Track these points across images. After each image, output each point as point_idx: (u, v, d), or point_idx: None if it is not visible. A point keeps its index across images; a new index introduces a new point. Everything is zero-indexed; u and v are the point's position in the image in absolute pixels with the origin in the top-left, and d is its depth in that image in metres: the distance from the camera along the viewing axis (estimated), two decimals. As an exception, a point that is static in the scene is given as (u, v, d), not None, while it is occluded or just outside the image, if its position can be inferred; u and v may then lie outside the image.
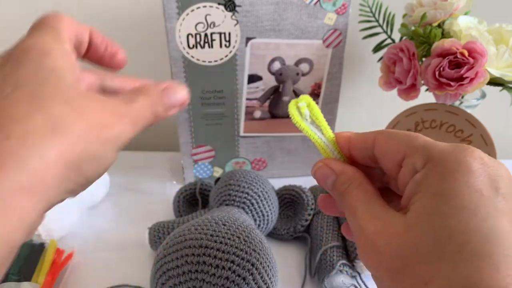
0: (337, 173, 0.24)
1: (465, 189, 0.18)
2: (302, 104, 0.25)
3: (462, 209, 0.18)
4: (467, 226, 0.18)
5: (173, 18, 0.47)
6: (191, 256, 0.33)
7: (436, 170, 0.20)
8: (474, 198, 0.18)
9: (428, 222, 0.19)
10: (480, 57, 0.40)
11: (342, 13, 0.50)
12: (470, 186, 0.18)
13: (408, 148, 0.22)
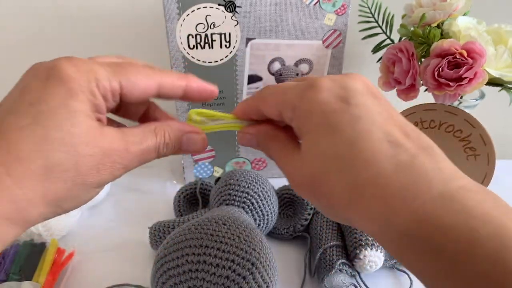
0: (255, 134, 0.29)
1: (320, 112, 0.24)
2: (194, 118, 0.30)
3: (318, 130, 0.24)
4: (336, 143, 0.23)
5: (174, 18, 0.47)
6: (191, 256, 0.33)
7: (299, 113, 0.25)
8: (331, 117, 0.23)
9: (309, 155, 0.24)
10: (479, 58, 0.40)
11: (341, 13, 0.50)
12: (324, 105, 0.24)
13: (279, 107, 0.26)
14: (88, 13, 0.63)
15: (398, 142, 0.22)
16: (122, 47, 0.66)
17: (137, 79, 0.24)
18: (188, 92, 0.27)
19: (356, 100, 0.24)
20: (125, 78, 0.24)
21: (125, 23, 0.63)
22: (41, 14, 0.63)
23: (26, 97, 0.23)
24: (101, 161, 0.23)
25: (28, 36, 0.65)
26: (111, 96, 0.24)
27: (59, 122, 0.22)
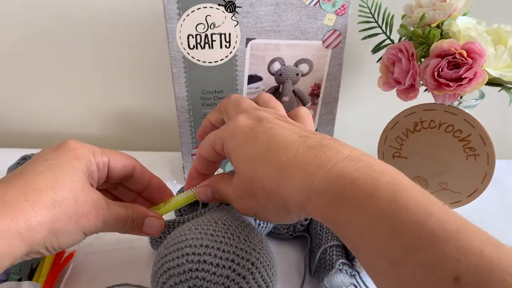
0: (208, 183, 0.37)
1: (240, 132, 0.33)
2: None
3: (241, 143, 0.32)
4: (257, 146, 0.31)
5: (174, 18, 0.47)
6: (191, 255, 0.33)
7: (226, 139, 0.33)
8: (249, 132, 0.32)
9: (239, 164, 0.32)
10: (479, 58, 0.40)
11: (341, 14, 0.50)
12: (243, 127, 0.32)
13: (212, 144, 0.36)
14: (88, 13, 0.63)
15: (306, 135, 0.29)
16: (122, 47, 0.66)
17: (120, 158, 0.37)
18: (152, 184, 0.40)
19: (267, 119, 0.32)
20: (112, 155, 0.36)
21: (125, 23, 0.63)
22: (41, 14, 0.63)
23: (42, 156, 0.32)
24: (90, 209, 0.31)
25: (28, 36, 0.65)
26: (102, 167, 0.35)
27: (66, 171, 0.31)
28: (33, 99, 0.72)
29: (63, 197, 0.30)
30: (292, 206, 0.28)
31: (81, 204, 0.31)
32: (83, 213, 0.31)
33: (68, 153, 0.32)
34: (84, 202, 0.31)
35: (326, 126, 0.59)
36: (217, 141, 0.34)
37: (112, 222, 0.34)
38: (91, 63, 0.68)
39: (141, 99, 0.71)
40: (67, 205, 0.30)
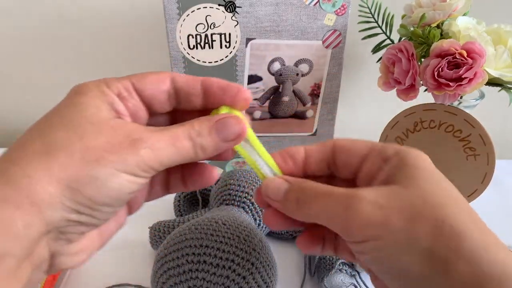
0: (291, 182, 0.26)
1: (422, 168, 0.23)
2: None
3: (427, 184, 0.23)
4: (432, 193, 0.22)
5: (174, 19, 0.47)
6: (191, 256, 0.33)
7: (407, 156, 0.24)
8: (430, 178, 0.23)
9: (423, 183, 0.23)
10: (479, 58, 0.40)
11: (341, 14, 0.50)
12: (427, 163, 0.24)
13: (373, 145, 0.26)
14: (88, 13, 0.63)
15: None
16: (122, 47, 0.66)
17: (146, 75, 0.25)
18: (207, 86, 0.25)
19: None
20: (134, 76, 0.25)
21: (125, 23, 0.63)
22: (41, 14, 0.63)
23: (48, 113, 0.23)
24: (115, 140, 0.21)
25: (28, 36, 0.65)
26: (126, 93, 0.24)
27: (60, 112, 0.22)
28: (33, 99, 0.72)
29: (57, 137, 0.21)
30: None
31: (93, 137, 0.21)
32: (102, 147, 0.21)
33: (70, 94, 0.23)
34: (98, 133, 0.21)
35: (326, 126, 0.59)
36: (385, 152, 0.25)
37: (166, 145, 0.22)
38: (91, 63, 0.68)
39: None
40: (66, 145, 0.20)
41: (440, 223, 0.21)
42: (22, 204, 0.19)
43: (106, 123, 0.22)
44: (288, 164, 0.27)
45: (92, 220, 0.21)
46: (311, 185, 0.25)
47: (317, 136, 0.59)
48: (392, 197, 0.22)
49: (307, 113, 0.57)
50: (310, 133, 0.59)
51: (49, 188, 0.19)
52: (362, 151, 0.26)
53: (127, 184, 0.21)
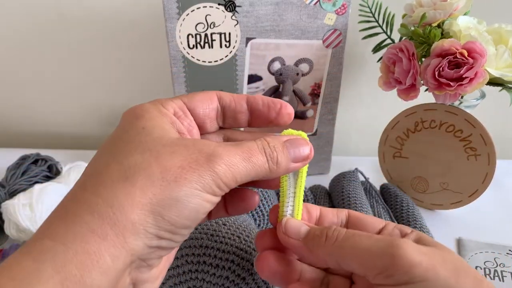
0: (310, 225, 0.26)
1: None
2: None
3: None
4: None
5: (173, 18, 0.47)
6: (191, 256, 0.33)
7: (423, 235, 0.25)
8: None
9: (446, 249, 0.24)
10: (480, 57, 0.40)
11: (342, 13, 0.50)
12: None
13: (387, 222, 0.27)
14: (87, 12, 0.62)
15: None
16: (122, 46, 0.65)
17: (195, 94, 0.26)
18: (253, 103, 0.26)
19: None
20: (184, 96, 0.25)
21: (125, 22, 0.63)
22: (40, 14, 0.63)
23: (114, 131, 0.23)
24: (190, 158, 0.20)
25: (28, 36, 0.65)
26: (181, 112, 0.24)
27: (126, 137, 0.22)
28: (33, 99, 0.72)
29: (134, 161, 0.20)
30: None
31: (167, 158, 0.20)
32: (178, 166, 0.20)
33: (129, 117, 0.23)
34: (173, 153, 0.21)
35: (326, 126, 0.59)
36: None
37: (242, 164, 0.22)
38: (91, 62, 0.67)
39: (141, 99, 0.71)
40: (143, 167, 0.20)
41: (479, 281, 0.22)
42: (107, 235, 0.18)
43: (177, 142, 0.21)
44: (303, 217, 0.28)
45: (171, 243, 0.21)
46: (340, 227, 0.25)
47: (317, 136, 0.59)
48: (435, 251, 0.22)
49: (307, 113, 0.57)
50: (311, 133, 0.59)
51: (131, 216, 0.19)
52: (378, 224, 0.26)
53: (204, 203, 0.21)
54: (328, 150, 0.61)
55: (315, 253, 0.25)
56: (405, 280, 0.21)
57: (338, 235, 0.24)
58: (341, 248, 0.23)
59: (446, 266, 0.21)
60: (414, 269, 0.21)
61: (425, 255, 0.21)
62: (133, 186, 0.19)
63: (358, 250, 0.22)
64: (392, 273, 0.21)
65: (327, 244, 0.24)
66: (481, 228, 0.51)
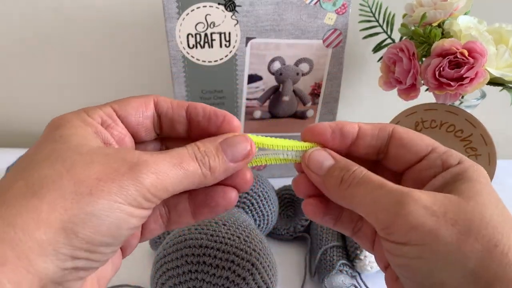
0: (337, 159, 0.24)
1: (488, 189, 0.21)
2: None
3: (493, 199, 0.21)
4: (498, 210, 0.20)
5: (173, 18, 0.47)
6: (191, 256, 0.33)
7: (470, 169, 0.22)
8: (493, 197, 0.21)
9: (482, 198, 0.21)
10: (480, 57, 0.40)
11: (342, 13, 0.50)
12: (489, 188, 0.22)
13: (435, 147, 0.24)
14: (87, 13, 0.62)
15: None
16: (121, 46, 0.65)
17: (129, 100, 0.24)
18: (192, 113, 0.24)
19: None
20: (116, 102, 0.23)
21: (124, 22, 0.63)
22: (40, 13, 0.63)
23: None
24: (110, 168, 0.19)
25: (28, 36, 0.65)
26: (110, 120, 0.23)
27: (41, 148, 0.20)
28: (33, 99, 0.72)
29: (42, 174, 0.18)
30: None
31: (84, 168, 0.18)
32: (95, 177, 0.18)
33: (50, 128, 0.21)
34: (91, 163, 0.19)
35: (327, 126, 0.59)
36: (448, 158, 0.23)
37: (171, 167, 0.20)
38: (90, 62, 0.67)
39: (140, 98, 0.71)
40: (53, 180, 0.18)
41: (492, 247, 0.19)
42: (7, 259, 0.16)
43: (96, 151, 0.19)
44: (336, 139, 0.25)
45: (90, 263, 0.19)
46: (361, 169, 0.23)
47: (317, 136, 0.59)
48: (449, 207, 0.20)
49: (307, 113, 0.57)
50: (311, 133, 0.59)
51: (37, 235, 0.16)
52: (422, 151, 0.24)
53: (127, 218, 0.19)
54: (328, 150, 0.61)
55: (330, 195, 0.24)
56: (403, 241, 0.20)
57: (353, 179, 0.22)
58: (352, 194, 0.22)
59: (454, 228, 0.19)
60: (413, 231, 0.20)
61: (433, 216, 0.20)
62: (40, 201, 0.17)
63: (366, 201, 0.22)
64: (392, 231, 0.20)
65: (341, 188, 0.23)
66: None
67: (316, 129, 0.25)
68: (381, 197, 0.21)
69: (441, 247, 0.19)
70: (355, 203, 0.22)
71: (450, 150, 0.24)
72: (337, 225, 0.26)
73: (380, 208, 0.21)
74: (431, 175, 0.23)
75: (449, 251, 0.19)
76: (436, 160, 0.23)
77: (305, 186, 0.25)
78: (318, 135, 0.25)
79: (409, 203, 0.20)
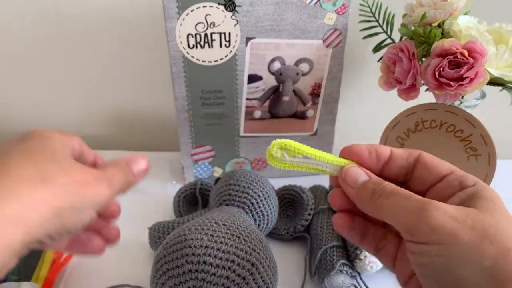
0: (370, 176, 0.27)
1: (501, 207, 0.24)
2: (275, 153, 0.27)
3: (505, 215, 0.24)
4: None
5: (173, 18, 0.47)
6: (191, 256, 0.33)
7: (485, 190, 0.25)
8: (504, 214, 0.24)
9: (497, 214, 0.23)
10: (480, 57, 0.40)
11: (342, 13, 0.50)
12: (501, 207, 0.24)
13: (455, 170, 0.27)
14: (87, 12, 0.62)
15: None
16: (121, 46, 0.65)
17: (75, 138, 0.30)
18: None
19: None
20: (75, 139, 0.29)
21: (124, 22, 0.63)
22: (40, 14, 0.63)
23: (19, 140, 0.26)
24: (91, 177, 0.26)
25: (28, 36, 0.65)
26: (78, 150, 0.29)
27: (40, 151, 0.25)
28: (33, 99, 0.72)
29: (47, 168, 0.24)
30: None
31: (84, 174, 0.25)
32: (85, 183, 0.25)
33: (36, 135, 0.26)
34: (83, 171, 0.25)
35: (327, 126, 0.59)
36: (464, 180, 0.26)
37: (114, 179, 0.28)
38: (90, 63, 0.67)
39: (140, 99, 0.71)
40: (53, 175, 0.23)
41: (506, 251, 0.21)
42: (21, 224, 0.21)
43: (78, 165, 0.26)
44: (371, 160, 0.28)
45: (51, 243, 0.24)
46: (390, 184, 0.26)
47: (317, 136, 0.59)
48: (468, 216, 0.23)
49: (307, 113, 0.57)
50: (311, 133, 0.59)
51: (41, 210, 0.22)
52: (443, 171, 0.27)
53: (90, 218, 0.25)
54: (328, 150, 0.61)
55: (362, 206, 0.27)
56: (424, 241, 0.23)
57: (383, 192, 0.25)
58: (382, 204, 0.25)
59: (472, 232, 0.22)
60: (434, 232, 0.22)
61: (453, 220, 0.22)
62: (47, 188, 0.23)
63: (395, 209, 0.24)
64: (415, 233, 0.23)
65: (373, 198, 0.26)
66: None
67: (355, 149, 0.28)
68: (407, 205, 0.24)
69: (460, 247, 0.22)
70: (384, 212, 0.25)
71: (467, 174, 0.27)
72: (362, 242, 0.29)
73: (406, 213, 0.24)
74: (449, 194, 0.26)
75: (467, 251, 0.22)
76: (454, 181, 0.26)
77: (340, 199, 0.29)
78: (356, 154, 0.28)
79: (431, 209, 0.23)
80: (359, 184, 0.27)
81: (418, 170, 0.28)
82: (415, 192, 0.28)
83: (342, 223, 0.29)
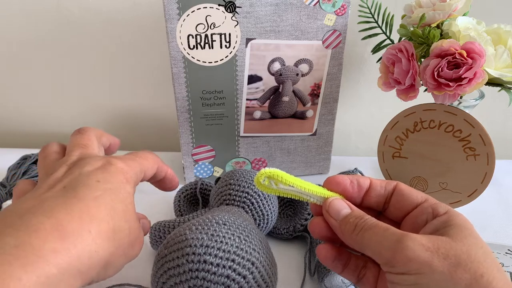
0: (352, 209, 0.29)
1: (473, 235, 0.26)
2: (263, 182, 0.29)
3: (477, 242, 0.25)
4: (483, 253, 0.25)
5: (174, 19, 0.48)
6: (191, 255, 0.33)
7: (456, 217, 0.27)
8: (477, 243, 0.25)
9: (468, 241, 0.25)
10: (479, 58, 0.40)
11: (341, 14, 0.50)
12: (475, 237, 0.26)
13: (428, 198, 0.29)
14: (88, 13, 0.63)
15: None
16: (122, 47, 0.66)
17: (151, 166, 0.34)
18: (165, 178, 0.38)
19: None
20: (147, 167, 0.34)
21: (125, 23, 0.63)
22: (41, 14, 0.63)
23: (92, 177, 0.27)
24: (136, 238, 0.29)
25: (28, 36, 0.65)
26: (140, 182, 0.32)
27: (121, 198, 0.27)
28: (33, 99, 0.72)
29: (121, 228, 0.26)
30: None
31: (132, 233, 0.28)
32: (131, 244, 0.28)
33: (119, 176, 0.28)
34: (134, 230, 0.28)
35: (326, 126, 0.59)
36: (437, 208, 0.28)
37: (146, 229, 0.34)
38: (91, 63, 0.68)
39: (141, 99, 0.71)
40: (123, 237, 0.27)
41: (478, 277, 0.23)
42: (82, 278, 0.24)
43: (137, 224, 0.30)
44: (353, 189, 0.30)
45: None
46: (371, 218, 0.28)
47: (317, 136, 0.59)
48: (441, 245, 0.24)
49: (307, 113, 0.57)
50: (310, 133, 0.59)
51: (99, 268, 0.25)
52: (417, 199, 0.29)
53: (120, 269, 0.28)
54: (328, 150, 0.61)
55: (344, 238, 0.28)
56: (403, 271, 0.24)
57: (365, 225, 0.27)
58: (362, 237, 0.27)
59: (446, 261, 0.24)
60: (410, 262, 0.24)
61: (426, 250, 0.24)
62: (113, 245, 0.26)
63: (373, 241, 0.26)
64: (394, 264, 0.25)
65: (354, 232, 0.27)
66: (480, 228, 0.51)
67: (338, 179, 0.30)
68: (385, 238, 0.26)
69: (436, 275, 0.23)
70: (365, 245, 0.27)
71: (439, 202, 0.29)
72: (344, 271, 0.31)
73: (384, 246, 0.25)
74: (424, 221, 0.28)
75: (443, 279, 0.23)
76: (427, 208, 0.28)
77: (319, 227, 0.30)
78: (340, 184, 0.30)
79: (407, 241, 0.25)
80: (341, 217, 0.29)
81: (395, 198, 0.30)
82: (393, 219, 0.31)
83: (326, 253, 0.30)
